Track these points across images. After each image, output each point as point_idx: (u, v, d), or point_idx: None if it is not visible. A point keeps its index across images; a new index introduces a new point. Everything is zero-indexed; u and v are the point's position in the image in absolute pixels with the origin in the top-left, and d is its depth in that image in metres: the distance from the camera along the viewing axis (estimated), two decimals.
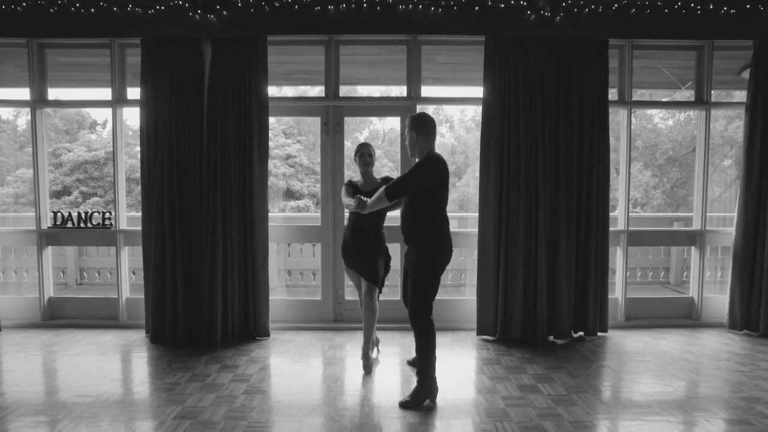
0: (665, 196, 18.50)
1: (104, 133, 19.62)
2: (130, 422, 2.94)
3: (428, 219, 3.15)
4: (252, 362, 3.96)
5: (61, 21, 4.42)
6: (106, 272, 7.23)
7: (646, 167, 19.07)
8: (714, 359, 4.03)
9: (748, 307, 4.73)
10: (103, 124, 20.19)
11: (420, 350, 3.16)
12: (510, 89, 4.48)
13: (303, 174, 17.97)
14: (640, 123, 20.33)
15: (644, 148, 19.67)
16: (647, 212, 16.83)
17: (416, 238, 3.18)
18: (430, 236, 3.14)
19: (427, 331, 3.13)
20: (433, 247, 3.13)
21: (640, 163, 19.19)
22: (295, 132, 19.09)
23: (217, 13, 4.38)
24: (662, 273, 7.51)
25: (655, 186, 18.88)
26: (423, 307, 3.13)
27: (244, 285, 4.57)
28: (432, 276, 3.15)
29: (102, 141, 19.31)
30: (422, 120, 3.21)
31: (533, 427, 2.86)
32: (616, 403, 3.22)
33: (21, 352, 4.18)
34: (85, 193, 16.48)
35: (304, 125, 19.44)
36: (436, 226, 3.15)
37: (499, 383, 3.52)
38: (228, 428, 2.85)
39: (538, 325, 4.51)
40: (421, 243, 3.15)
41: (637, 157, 18.98)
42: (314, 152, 18.76)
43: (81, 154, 16.81)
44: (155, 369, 3.82)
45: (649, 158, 19.59)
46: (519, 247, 4.48)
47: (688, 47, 4.91)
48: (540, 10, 4.40)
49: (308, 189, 17.51)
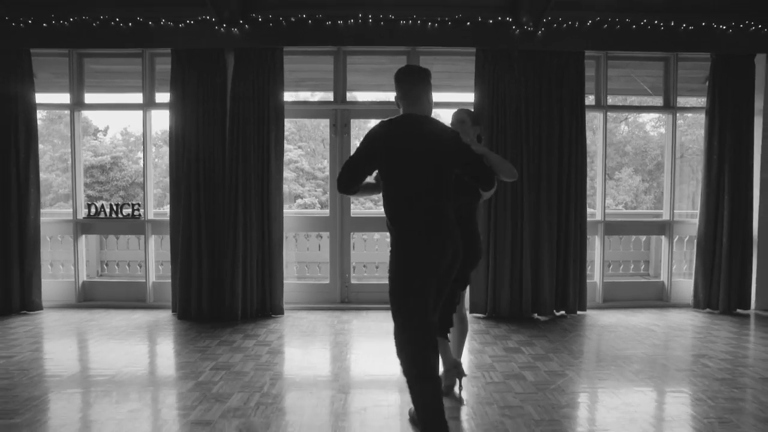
0: (655, 201, 19.10)
1: (106, 139, 20.16)
2: (171, 374, 3.48)
3: (389, 205, 2.33)
4: (270, 333, 4.51)
5: (102, 34, 5.00)
6: (125, 264, 7.74)
7: (636, 172, 19.77)
8: (675, 330, 4.61)
9: (709, 288, 5.31)
10: (104, 130, 20.74)
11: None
12: (498, 95, 5.07)
13: (304, 179, 18.53)
14: (632, 130, 21.06)
15: (635, 154, 20.38)
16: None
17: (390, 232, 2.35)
18: (394, 228, 2.30)
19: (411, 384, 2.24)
20: (400, 243, 2.27)
21: (630, 168, 19.89)
22: (297, 138, 19.67)
23: (240, 27, 4.97)
24: (642, 266, 8.10)
25: (646, 191, 19.56)
26: (399, 338, 2.25)
27: (261, 268, 5.11)
28: (404, 284, 2.24)
29: (107, 146, 19.83)
30: (397, 76, 2.43)
31: (514, 375, 3.42)
32: (585, 359, 3.79)
33: (64, 326, 4.71)
34: (92, 196, 16.99)
35: (305, 131, 20.02)
36: (399, 213, 2.30)
37: (487, 347, 4.08)
38: (257, 376, 3.39)
39: (524, 304, 5.07)
40: (392, 239, 2.33)
41: (628, 163, 19.69)
42: (314, 158, 19.34)
43: (87, 159, 17.34)
44: (186, 337, 4.36)
45: (639, 164, 20.29)
46: (506, 236, 5.05)
47: (656, 58, 5.53)
48: (524, 26, 5.01)
49: (309, 193, 18.06)
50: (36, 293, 5.20)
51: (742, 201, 5.22)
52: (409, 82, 2.37)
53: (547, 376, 3.40)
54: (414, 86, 2.36)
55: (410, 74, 2.40)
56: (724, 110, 5.21)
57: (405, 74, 2.40)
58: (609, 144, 25.38)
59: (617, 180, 19.78)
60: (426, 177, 2.25)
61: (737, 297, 5.24)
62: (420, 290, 2.19)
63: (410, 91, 2.35)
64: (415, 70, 2.44)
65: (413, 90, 2.35)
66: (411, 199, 2.26)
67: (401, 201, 2.28)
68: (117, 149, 19.70)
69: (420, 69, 2.46)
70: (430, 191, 2.27)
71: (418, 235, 2.22)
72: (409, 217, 2.25)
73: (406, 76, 2.39)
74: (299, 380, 3.35)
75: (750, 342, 4.23)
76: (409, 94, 2.35)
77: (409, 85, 2.37)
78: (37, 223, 5.23)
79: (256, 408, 2.87)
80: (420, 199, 2.25)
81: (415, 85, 2.36)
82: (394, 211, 2.29)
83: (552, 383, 3.26)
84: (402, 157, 2.26)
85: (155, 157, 19.95)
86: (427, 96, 2.38)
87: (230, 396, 3.04)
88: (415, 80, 2.36)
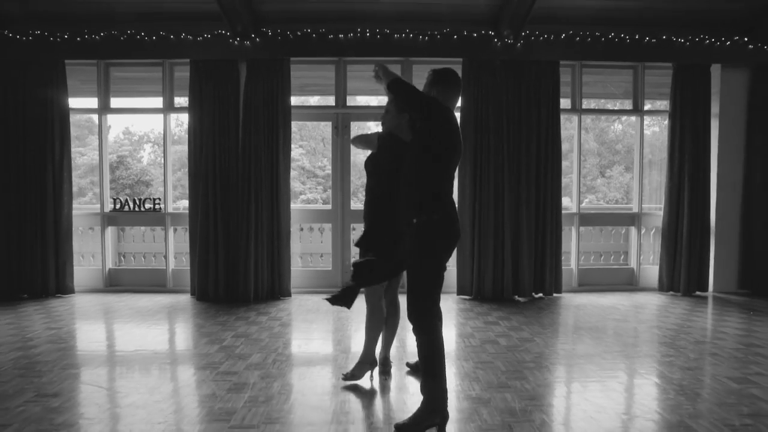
0: (645, 197, 19.66)
1: (109, 138, 20.68)
2: (201, 339, 4.09)
3: (435, 188, 2.53)
4: (280, 311, 5.12)
5: (128, 46, 5.60)
6: (141, 256, 8.35)
7: (627, 170, 20.40)
8: (637, 308, 5.23)
9: (672, 273, 5.94)
10: (107, 129, 21.33)
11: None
12: (482, 100, 5.68)
13: (305, 177, 19.12)
14: (625, 129, 21.68)
15: (626, 152, 21.02)
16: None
17: (420, 213, 2.51)
18: (437, 211, 2.50)
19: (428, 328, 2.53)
20: (440, 227, 2.51)
21: (621, 166, 20.51)
22: (297, 137, 20.26)
23: (252, 40, 5.58)
24: (622, 257, 8.72)
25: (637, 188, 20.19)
26: (425, 304, 2.53)
27: (270, 255, 5.72)
28: (438, 264, 2.53)
29: (112, 146, 20.36)
30: (444, 76, 2.65)
31: (490, 341, 4.03)
32: (552, 329, 4.40)
33: (98, 305, 5.32)
34: (99, 194, 17.55)
35: (305, 131, 20.59)
36: (444, 198, 2.54)
37: (470, 321, 4.70)
38: (272, 342, 4.00)
39: (505, 287, 5.68)
40: (425, 221, 2.51)
41: (619, 161, 20.31)
42: (315, 156, 19.90)
43: (94, 158, 17.90)
44: (207, 314, 4.97)
45: (630, 162, 20.92)
46: (489, 227, 5.66)
47: (626, 66, 6.14)
48: (505, 38, 5.62)
49: (310, 191, 18.65)
50: (69, 278, 5.81)
51: (700, 195, 5.84)
52: (456, 88, 2.67)
53: (517, 342, 4.01)
54: (458, 93, 2.70)
55: (457, 81, 2.67)
56: (685, 114, 5.83)
57: (453, 79, 2.65)
58: (602, 143, 25.64)
59: (609, 177, 20.43)
60: (454, 176, 2.64)
61: (696, 281, 5.87)
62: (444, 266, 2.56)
63: (457, 94, 2.69)
64: (459, 80, 2.70)
65: (457, 95, 2.69)
66: (451, 192, 2.57)
67: (446, 191, 2.54)
68: (123, 148, 20.23)
69: (458, 75, 2.71)
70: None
71: (456, 222, 2.56)
72: (449, 206, 2.53)
73: (454, 82, 2.65)
74: (307, 345, 3.96)
75: (698, 317, 4.85)
76: (455, 97, 2.66)
77: (456, 91, 2.67)
78: (69, 217, 5.85)
79: (273, 363, 3.49)
80: (452, 193, 2.59)
81: (457, 92, 2.69)
82: (437, 198, 2.49)
83: (521, 346, 3.87)
84: (457, 156, 2.58)
85: (160, 156, 20.56)
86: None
87: (251, 355, 3.65)
88: (458, 86, 2.69)
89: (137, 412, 2.69)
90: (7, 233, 5.65)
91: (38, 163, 5.68)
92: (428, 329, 2.50)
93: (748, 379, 3.15)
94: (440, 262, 2.53)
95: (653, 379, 3.18)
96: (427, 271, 2.50)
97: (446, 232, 2.53)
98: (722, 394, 2.93)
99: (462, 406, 2.78)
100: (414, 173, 2.56)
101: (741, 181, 5.95)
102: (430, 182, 2.52)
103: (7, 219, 5.65)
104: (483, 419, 2.61)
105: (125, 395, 2.92)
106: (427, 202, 2.50)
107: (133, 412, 2.70)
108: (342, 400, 2.88)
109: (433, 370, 2.48)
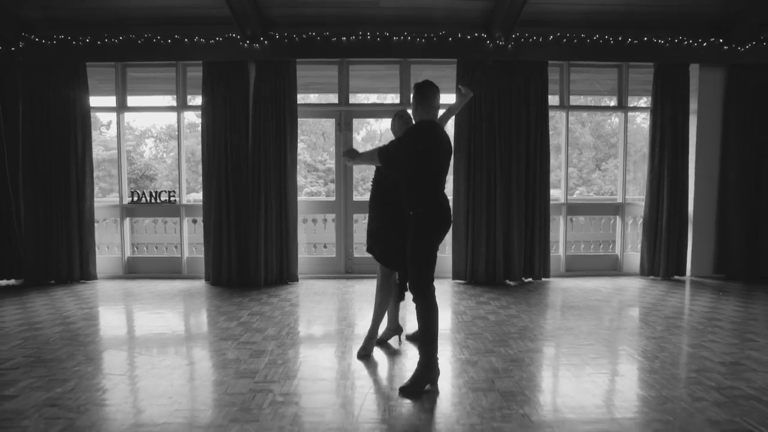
0: (639, 189, 20.06)
1: (110, 133, 21.06)
2: (219, 317, 4.54)
3: (423, 187, 2.98)
4: (289, 294, 5.57)
5: (144, 49, 6.01)
6: (153, 246, 8.79)
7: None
8: (618, 290, 5.68)
9: (653, 259, 6.38)
10: (107, 125, 21.68)
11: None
12: (475, 98, 6.09)
13: (306, 171, 19.53)
14: (622, 123, 22.11)
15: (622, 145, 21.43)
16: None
17: (415, 208, 3.00)
18: (427, 205, 2.97)
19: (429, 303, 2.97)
20: (432, 217, 2.98)
21: (617, 159, 20.92)
22: (298, 132, 20.66)
23: (261, 43, 5.98)
24: (610, 246, 9.16)
25: (631, 180, 20.56)
26: (423, 278, 2.96)
27: (279, 243, 6.16)
28: (431, 247, 2.98)
29: (113, 141, 20.69)
30: (422, 90, 3.05)
31: (480, 317, 4.48)
32: (539, 308, 4.84)
33: (121, 290, 5.77)
34: (105, 189, 17.96)
35: (306, 125, 20.96)
36: (432, 194, 2.98)
37: (463, 301, 5.15)
38: (284, 319, 4.45)
39: (497, 272, 6.12)
40: (420, 213, 2.98)
41: (615, 154, 20.68)
42: (315, 151, 20.28)
43: (99, 153, 18.28)
44: (222, 297, 5.42)
45: (626, 155, 21.35)
46: (482, 215, 6.09)
47: (611, 66, 6.55)
48: (496, 40, 6.02)
49: (311, 184, 19.07)
50: (92, 266, 6.26)
51: (679, 186, 6.27)
52: (433, 95, 3.03)
53: (504, 317, 4.46)
54: (434, 98, 3.04)
55: (432, 88, 3.04)
56: (665, 110, 6.25)
57: (428, 88, 3.03)
58: (598, 136, 25.88)
59: (604, 170, 20.86)
60: (446, 170, 3.08)
61: (675, 266, 6.31)
62: (436, 247, 3.05)
63: (434, 101, 3.03)
64: (434, 86, 3.06)
65: (435, 101, 3.03)
66: (439, 188, 3.00)
67: (433, 188, 2.96)
68: (127, 144, 20.55)
69: (435, 85, 3.08)
70: (444, 181, 3.08)
71: (446, 214, 3.01)
72: (437, 201, 2.97)
73: (429, 90, 3.03)
74: (316, 320, 4.41)
75: (672, 297, 5.29)
76: (434, 103, 3.03)
77: (432, 98, 3.03)
78: (92, 208, 6.28)
79: (286, 335, 3.94)
80: (443, 187, 3.05)
81: (435, 97, 3.04)
82: (425, 195, 2.95)
83: (507, 321, 4.32)
84: (441, 154, 2.99)
85: (162, 152, 20.93)
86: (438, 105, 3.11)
87: (266, 329, 4.10)
88: (435, 93, 3.04)
89: (174, 371, 3.14)
90: (35, 225, 6.09)
91: (62, 160, 6.10)
92: (426, 294, 2.96)
93: (702, 345, 3.60)
94: (433, 245, 3.02)
95: (621, 347, 3.63)
96: (423, 252, 2.99)
97: (438, 221, 3.01)
98: (676, 356, 3.38)
99: (453, 367, 3.23)
100: (407, 177, 3.04)
101: (717, 174, 6.37)
102: (422, 183, 2.99)
103: (35, 212, 6.08)
104: (470, 376, 3.06)
105: (162, 359, 3.37)
106: (421, 198, 2.99)
107: (170, 372, 3.15)
108: (349, 363, 3.33)
109: (429, 330, 2.93)
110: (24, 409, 2.62)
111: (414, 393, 2.82)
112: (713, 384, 2.91)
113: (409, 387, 2.85)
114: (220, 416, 2.55)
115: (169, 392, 2.84)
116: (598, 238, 8.78)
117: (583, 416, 2.53)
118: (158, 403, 2.70)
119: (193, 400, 2.75)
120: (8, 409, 2.62)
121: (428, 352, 2.92)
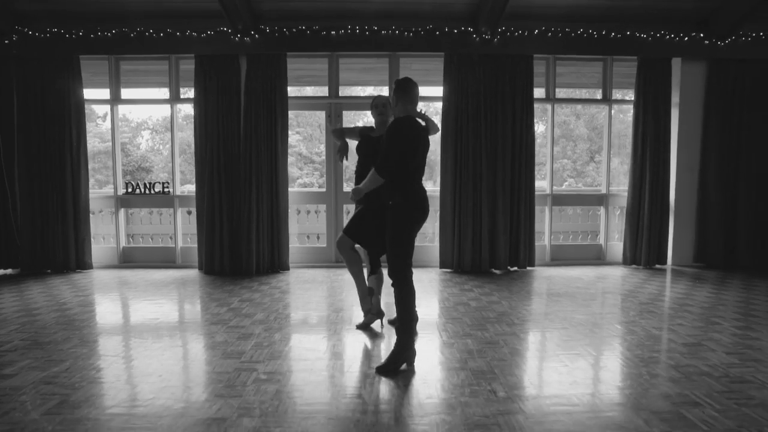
0: (625, 179, 20.30)
1: (103, 126, 21.11)
2: (211, 303, 4.70)
3: (401, 179, 3.14)
4: (280, 281, 5.73)
5: (138, 42, 6.11)
6: (148, 237, 8.94)
7: (615, 155, 20.99)
8: (600, 278, 5.86)
9: (635, 248, 6.55)
10: (103, 117, 21.73)
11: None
12: (462, 90, 6.22)
13: (302, 162, 19.62)
14: (617, 116, 22.22)
15: (615, 137, 21.58)
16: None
17: (393, 197, 3.15)
18: (405, 195, 3.14)
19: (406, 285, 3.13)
20: (409, 206, 3.14)
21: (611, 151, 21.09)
22: (294, 123, 20.72)
23: (252, 36, 6.09)
24: (595, 236, 9.34)
25: (625, 172, 20.80)
26: (401, 264, 3.13)
27: (270, 233, 6.31)
28: (409, 234, 3.15)
29: (109, 133, 20.75)
30: (401, 85, 3.22)
31: (463, 303, 4.65)
32: (520, 295, 5.02)
33: (117, 278, 5.92)
34: (101, 181, 18.05)
35: (302, 118, 21.04)
36: (409, 185, 3.16)
37: (447, 288, 5.32)
38: (273, 305, 4.61)
39: (483, 261, 6.29)
40: (399, 202, 3.13)
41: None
42: (311, 143, 20.39)
43: (95, 145, 18.35)
44: (215, 284, 5.58)
45: (618, 147, 21.50)
46: (468, 206, 6.25)
47: (596, 59, 6.68)
48: (482, 34, 6.14)
49: (307, 176, 19.18)
50: (88, 255, 6.41)
51: (661, 177, 6.43)
52: (411, 90, 3.20)
53: (486, 304, 4.64)
54: (413, 93, 3.20)
55: (411, 84, 3.22)
56: (648, 102, 6.39)
57: (407, 84, 3.23)
58: (592, 128, 26.01)
59: (598, 162, 21.01)
60: (424, 162, 3.29)
61: (656, 255, 6.49)
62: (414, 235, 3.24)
63: (414, 96, 3.21)
64: (413, 82, 3.25)
65: (414, 96, 3.21)
66: (418, 179, 3.22)
67: (415, 180, 3.17)
68: (123, 135, 20.62)
69: (413, 81, 3.27)
70: (423, 172, 3.28)
71: (423, 202, 3.21)
72: (417, 192, 3.17)
73: (408, 86, 3.21)
74: (304, 306, 4.58)
75: (650, 285, 5.48)
76: (413, 99, 3.21)
77: (411, 93, 3.20)
78: (87, 198, 6.41)
79: (274, 320, 4.10)
80: (420, 178, 3.25)
81: (413, 92, 3.21)
82: (408, 187, 3.13)
83: (488, 307, 4.50)
84: (420, 149, 3.19)
85: (159, 144, 20.98)
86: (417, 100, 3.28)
87: (255, 315, 4.27)
88: (414, 89, 3.22)
89: (165, 353, 3.31)
90: (32, 215, 6.23)
91: (57, 151, 6.22)
92: (404, 280, 3.14)
93: (670, 328, 3.78)
94: (411, 232, 3.20)
95: (593, 330, 3.80)
96: (402, 239, 3.15)
97: (415, 210, 3.19)
98: (643, 338, 3.56)
99: (429, 348, 3.40)
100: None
101: (698, 165, 6.53)
102: (401, 175, 3.16)
103: (31, 203, 6.22)
104: (446, 357, 3.23)
105: (154, 341, 3.53)
106: (399, 188, 3.16)
107: (161, 353, 3.31)
108: (333, 344, 3.50)
109: (407, 313, 3.10)
110: (22, 386, 2.78)
111: (390, 371, 2.98)
112: (672, 363, 3.09)
113: (386, 366, 3.01)
114: (206, 392, 2.72)
115: (159, 371, 3.00)
116: (584, 228, 8.99)
117: (545, 392, 2.71)
118: (149, 380, 2.87)
119: (181, 378, 2.92)
120: (7, 386, 2.79)
121: (405, 333, 3.09)
